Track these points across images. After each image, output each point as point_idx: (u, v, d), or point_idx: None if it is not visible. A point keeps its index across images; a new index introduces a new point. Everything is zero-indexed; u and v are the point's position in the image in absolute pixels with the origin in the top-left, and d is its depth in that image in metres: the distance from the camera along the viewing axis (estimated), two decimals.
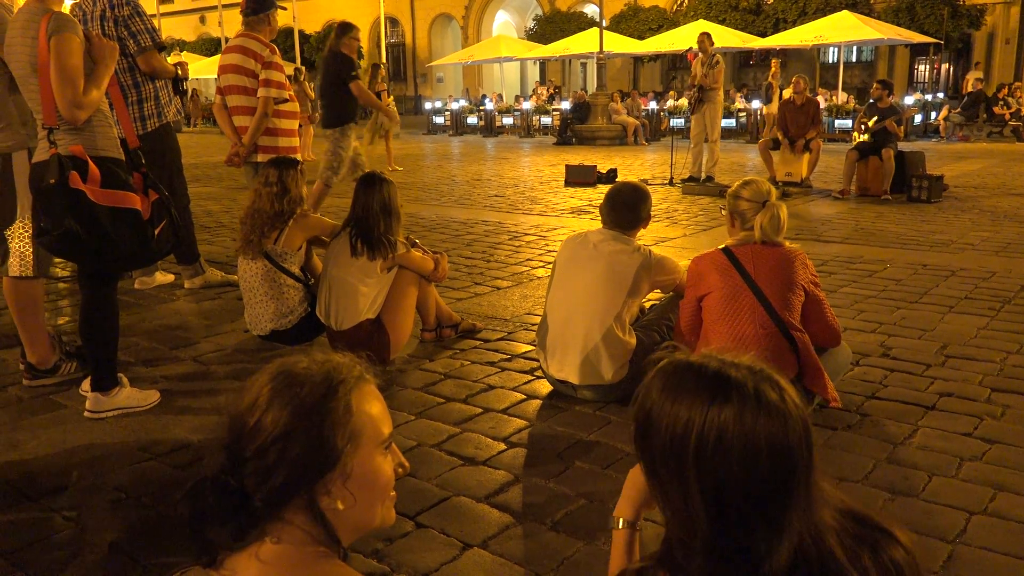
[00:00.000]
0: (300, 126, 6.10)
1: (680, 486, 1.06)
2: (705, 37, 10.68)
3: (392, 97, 14.21)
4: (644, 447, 1.12)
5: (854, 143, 10.37)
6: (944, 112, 19.26)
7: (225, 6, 32.46)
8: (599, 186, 10.64)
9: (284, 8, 5.62)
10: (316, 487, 1.13)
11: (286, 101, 5.20)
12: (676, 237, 7.08)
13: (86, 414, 3.24)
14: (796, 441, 1.04)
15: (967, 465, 2.75)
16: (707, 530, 1.04)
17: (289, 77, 5.26)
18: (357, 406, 1.17)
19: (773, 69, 17.36)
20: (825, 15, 21.53)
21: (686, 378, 1.10)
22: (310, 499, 1.13)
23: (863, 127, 9.77)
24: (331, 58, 6.93)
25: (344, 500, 1.15)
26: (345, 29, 6.94)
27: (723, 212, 3.21)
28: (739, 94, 22.50)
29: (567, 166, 11.51)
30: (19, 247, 3.51)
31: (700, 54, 10.50)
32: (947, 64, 26.80)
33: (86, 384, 3.35)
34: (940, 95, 22.76)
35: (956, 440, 2.94)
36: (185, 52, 36.19)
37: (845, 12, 20.57)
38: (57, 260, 4.26)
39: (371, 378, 1.24)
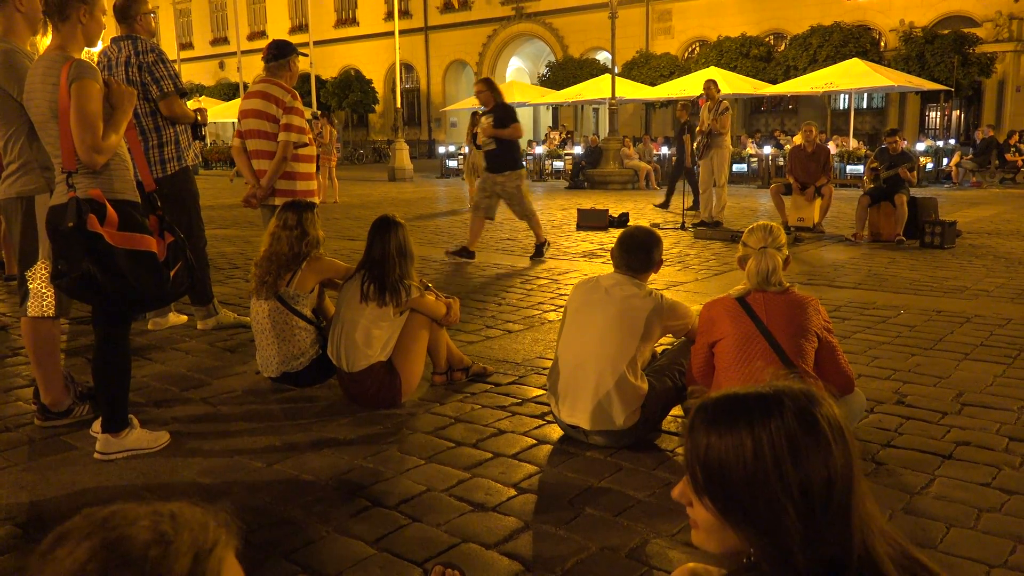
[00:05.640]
0: (317, 169, 6.22)
1: (767, 503, 1.05)
2: (711, 84, 10.84)
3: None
4: (714, 485, 1.09)
5: (865, 189, 10.40)
6: (956, 158, 19.32)
7: (244, 52, 33.19)
8: (611, 230, 10.68)
9: (305, 55, 5.76)
10: None
11: (306, 145, 5.29)
12: (688, 281, 7.08)
13: (96, 455, 3.23)
14: (848, 429, 1.12)
15: (986, 516, 2.70)
16: (803, 532, 1.04)
17: (308, 121, 5.37)
18: None
19: None
20: (835, 63, 21.71)
21: (731, 408, 1.11)
22: None
23: (873, 173, 9.80)
24: None
25: None
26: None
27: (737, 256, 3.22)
28: (751, 140, 22.65)
29: (579, 210, 11.57)
30: (39, 288, 3.54)
31: (708, 100, 10.65)
32: (958, 111, 26.89)
33: (97, 425, 3.34)
34: (952, 141, 22.82)
35: (974, 490, 2.89)
36: (204, 97, 36.87)
37: (855, 60, 20.72)
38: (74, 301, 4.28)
39: (226, 535, 0.85)
